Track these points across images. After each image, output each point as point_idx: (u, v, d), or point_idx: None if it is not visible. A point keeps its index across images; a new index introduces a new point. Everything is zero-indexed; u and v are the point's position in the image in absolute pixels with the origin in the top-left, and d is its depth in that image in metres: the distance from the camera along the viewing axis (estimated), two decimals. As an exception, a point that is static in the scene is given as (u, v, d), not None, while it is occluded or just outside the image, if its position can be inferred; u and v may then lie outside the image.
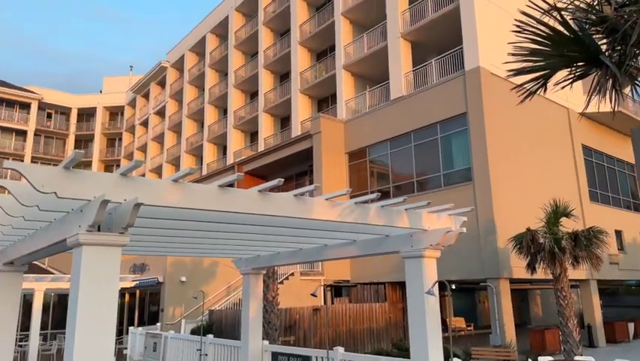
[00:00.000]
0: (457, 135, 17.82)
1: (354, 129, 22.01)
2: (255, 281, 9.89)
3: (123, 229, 4.13)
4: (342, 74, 23.43)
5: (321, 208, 5.58)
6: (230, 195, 4.93)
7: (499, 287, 15.74)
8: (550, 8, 3.95)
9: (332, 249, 7.89)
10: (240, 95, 32.06)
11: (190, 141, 36.42)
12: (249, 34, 31.17)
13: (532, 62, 3.92)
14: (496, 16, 18.24)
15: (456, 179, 17.69)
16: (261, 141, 28.78)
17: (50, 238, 5.00)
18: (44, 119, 47.32)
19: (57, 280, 15.71)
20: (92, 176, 4.07)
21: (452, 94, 17.88)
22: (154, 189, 4.31)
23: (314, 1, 27.26)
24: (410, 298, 6.29)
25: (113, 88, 50.13)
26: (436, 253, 6.19)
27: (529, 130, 18.49)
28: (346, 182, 21.85)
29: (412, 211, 5.93)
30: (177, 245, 8.00)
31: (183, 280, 19.50)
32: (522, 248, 14.22)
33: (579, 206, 19.41)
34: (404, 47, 20.74)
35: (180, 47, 39.23)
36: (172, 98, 39.80)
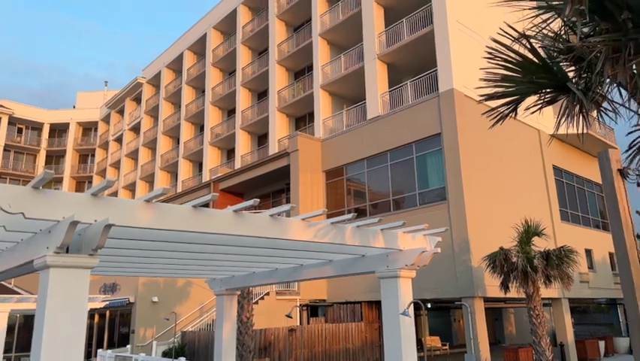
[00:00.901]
0: (432, 155, 18.11)
1: (331, 148, 22.14)
2: (229, 302, 9.71)
3: (93, 250, 4.02)
4: (320, 93, 23.65)
5: (296, 228, 5.55)
6: (204, 216, 4.87)
7: (474, 306, 15.87)
8: (519, 36, 4.09)
9: (308, 269, 7.84)
10: (217, 112, 31.95)
11: (165, 158, 35.97)
12: (227, 52, 31.25)
13: (504, 88, 4.03)
14: (470, 40, 18.78)
15: (431, 198, 17.91)
16: (238, 159, 28.64)
17: (16, 260, 4.82)
18: (15, 135, 46.09)
19: (23, 301, 15.11)
20: (61, 196, 3.96)
21: (427, 115, 18.23)
22: (126, 210, 4.22)
23: (292, 22, 27.58)
24: (385, 318, 6.28)
25: (87, 103, 49.30)
26: (411, 274, 6.22)
27: (501, 151, 18.94)
28: (323, 200, 21.88)
29: (387, 231, 5.96)
30: (149, 265, 7.82)
31: (155, 301, 19.02)
32: (495, 267, 14.42)
33: (550, 225, 19.85)
34: (380, 68, 21.11)
35: (157, 63, 39.00)
36: (147, 114, 39.37)
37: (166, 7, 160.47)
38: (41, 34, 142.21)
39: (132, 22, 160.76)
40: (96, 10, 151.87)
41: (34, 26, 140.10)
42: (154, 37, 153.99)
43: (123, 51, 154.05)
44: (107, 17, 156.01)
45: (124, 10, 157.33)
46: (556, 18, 3.84)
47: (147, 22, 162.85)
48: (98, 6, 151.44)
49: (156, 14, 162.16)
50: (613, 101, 3.80)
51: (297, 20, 27.28)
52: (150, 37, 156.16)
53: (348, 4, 23.20)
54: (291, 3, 26.70)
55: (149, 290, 19.04)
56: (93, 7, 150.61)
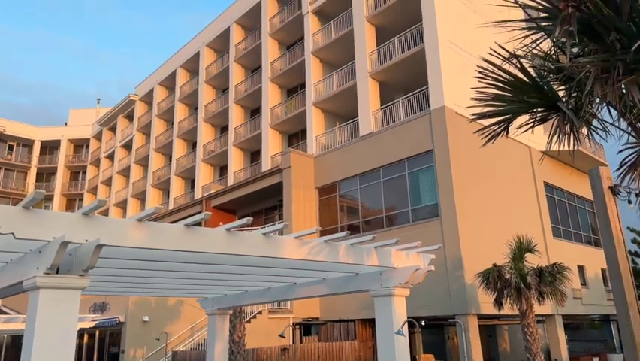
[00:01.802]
0: (424, 172, 18.19)
1: (324, 164, 22.17)
2: (221, 322, 9.60)
3: (83, 271, 3.97)
4: (313, 110, 23.77)
5: (290, 247, 5.53)
6: (197, 235, 4.84)
7: (468, 323, 15.78)
8: (510, 56, 4.16)
9: (301, 287, 7.78)
10: (209, 129, 31.96)
11: (157, 175, 35.80)
12: (219, 70, 31.41)
13: (495, 107, 4.08)
14: (460, 59, 19.05)
15: (424, 214, 17.93)
16: (231, 175, 28.57)
17: (6, 280, 4.75)
18: (5, 152, 45.72)
19: (11, 321, 14.86)
20: (52, 215, 3.92)
21: (419, 132, 18.36)
22: (117, 229, 4.19)
23: (285, 40, 27.84)
24: (380, 337, 6.22)
25: (79, 120, 49.13)
26: (405, 292, 6.19)
27: (493, 167, 19.08)
28: (316, 217, 21.82)
29: (381, 249, 5.95)
30: (141, 285, 7.73)
31: (146, 320, 18.72)
32: (489, 284, 14.39)
33: (542, 242, 19.91)
34: (372, 86, 21.30)
35: (150, 80, 39.08)
36: (140, 131, 39.29)
37: (160, 26, 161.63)
38: (34, 52, 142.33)
39: (125, 40, 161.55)
40: (88, 28, 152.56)
41: (27, 44, 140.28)
42: (147, 54, 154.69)
43: (116, 69, 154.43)
44: (100, 35, 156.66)
45: (116, 28, 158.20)
46: (546, 38, 3.92)
47: (140, 40, 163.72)
48: (90, 24, 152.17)
49: (149, 32, 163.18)
50: (603, 120, 3.86)
51: (289, 39, 27.55)
52: (143, 55, 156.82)
53: (340, 23, 23.50)
54: (283, 22, 26.99)
55: (140, 309, 18.75)
56: (85, 26, 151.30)
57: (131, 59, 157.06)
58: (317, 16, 24.97)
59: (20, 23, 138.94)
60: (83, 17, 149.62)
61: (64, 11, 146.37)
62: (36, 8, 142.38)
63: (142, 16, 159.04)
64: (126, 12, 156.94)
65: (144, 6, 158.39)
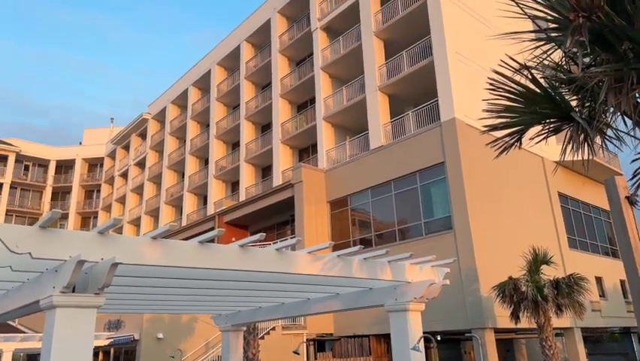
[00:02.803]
0: (436, 184, 18.09)
1: (335, 178, 22.18)
2: (235, 338, 9.56)
3: (99, 289, 3.99)
4: (323, 125, 23.88)
5: (303, 262, 5.51)
6: (210, 251, 4.85)
7: (485, 338, 15.51)
8: (520, 67, 4.15)
9: (315, 303, 7.73)
10: (221, 146, 32.23)
11: (170, 192, 36.08)
12: (230, 87, 31.77)
13: (507, 119, 4.07)
14: (470, 71, 19.05)
15: (437, 227, 17.79)
16: (242, 191, 28.68)
17: (22, 300, 4.79)
18: (21, 172, 46.51)
19: (27, 340, 14.94)
20: (68, 235, 3.97)
21: (430, 144, 18.32)
22: (132, 247, 4.22)
23: (294, 57, 28.13)
24: (396, 353, 6.14)
25: (93, 140, 49.91)
26: (420, 307, 6.12)
27: (506, 178, 18.92)
28: (328, 231, 21.76)
29: (395, 263, 5.90)
30: (155, 302, 7.74)
31: (160, 337, 18.71)
32: (505, 297, 14.16)
33: (558, 253, 19.60)
34: (382, 100, 21.36)
35: (162, 99, 39.65)
36: (153, 149, 39.76)
37: (171, 46, 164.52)
38: (48, 73, 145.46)
39: (137, 59, 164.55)
40: (101, 48, 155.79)
41: (41, 65, 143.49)
42: (159, 74, 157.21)
43: (129, 88, 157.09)
44: (113, 55, 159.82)
45: (129, 48, 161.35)
46: (557, 49, 3.91)
47: (152, 59, 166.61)
48: (103, 45, 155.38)
49: (161, 52, 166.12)
50: (618, 129, 3.82)
51: (298, 55, 27.83)
52: (155, 74, 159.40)
53: (348, 38, 23.70)
54: (293, 39, 27.30)
55: (154, 326, 18.76)
56: (98, 46, 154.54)
57: (144, 78, 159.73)
58: (325, 32, 25.22)
59: (34, 45, 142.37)
60: (96, 38, 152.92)
61: (79, 33, 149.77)
62: (49, 30, 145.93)
63: (153, 36, 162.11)
64: (138, 33, 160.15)
65: (155, 26, 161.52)
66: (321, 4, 25.58)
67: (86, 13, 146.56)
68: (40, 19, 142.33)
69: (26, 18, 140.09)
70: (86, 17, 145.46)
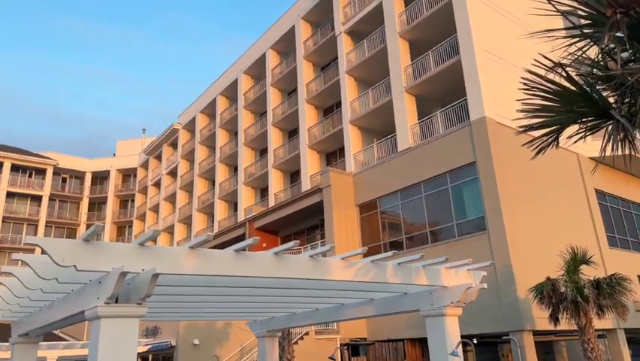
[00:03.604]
0: (468, 184, 17.80)
1: (363, 182, 22.11)
2: (271, 344, 9.63)
3: (141, 299, 4.10)
4: (349, 128, 23.86)
5: (336, 268, 5.52)
6: (246, 260, 4.92)
7: (523, 340, 15.13)
8: (554, 65, 4.05)
9: (349, 308, 7.72)
10: (249, 153, 32.61)
11: (201, 200, 36.72)
12: (257, 95, 32.16)
13: (543, 118, 3.98)
14: (499, 68, 18.70)
15: (470, 228, 17.48)
16: (272, 197, 28.92)
17: (67, 310, 4.97)
18: (59, 184, 48.22)
19: (70, 348, 15.42)
20: (110, 247, 4.10)
21: (460, 144, 18.05)
22: (171, 258, 4.32)
23: (319, 62, 28.25)
24: (434, 359, 6.06)
25: (126, 151, 51.36)
26: (457, 311, 6.03)
27: (540, 176, 18.44)
28: (358, 234, 21.68)
29: (429, 268, 5.84)
30: (192, 310, 7.89)
31: (196, 343, 19.02)
32: (543, 298, 13.78)
33: (598, 252, 18.96)
34: (408, 101, 21.19)
35: (192, 109, 40.48)
36: (184, 158, 40.59)
37: (199, 56, 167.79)
38: (81, 86, 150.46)
39: (167, 70, 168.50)
40: (131, 61, 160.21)
41: (75, 79, 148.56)
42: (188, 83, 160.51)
43: (159, 99, 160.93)
44: (143, 67, 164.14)
45: (158, 59, 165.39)
46: (592, 45, 3.80)
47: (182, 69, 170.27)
48: (133, 57, 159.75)
49: (190, 62, 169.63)
50: (661, 126, 3.68)
51: (323, 60, 27.93)
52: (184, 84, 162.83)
53: (373, 41, 23.64)
54: (317, 44, 27.43)
55: (190, 333, 19.08)
56: (128, 59, 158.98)
57: (173, 88, 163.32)
58: (350, 35, 25.24)
59: (67, 60, 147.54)
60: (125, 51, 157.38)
61: (109, 46, 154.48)
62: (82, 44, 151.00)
63: (182, 47, 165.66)
64: (167, 44, 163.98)
65: (184, 37, 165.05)
66: (344, 8, 25.62)
67: (117, 27, 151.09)
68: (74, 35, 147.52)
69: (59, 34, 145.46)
70: (117, 31, 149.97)
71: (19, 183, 45.59)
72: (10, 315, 7.21)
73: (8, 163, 44.96)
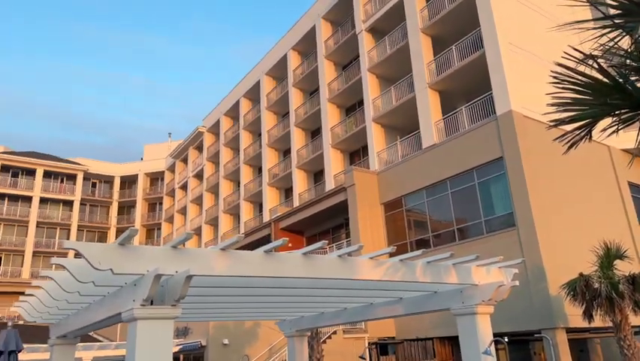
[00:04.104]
0: (496, 180, 17.51)
1: (388, 180, 21.99)
2: (300, 344, 9.68)
3: (175, 301, 4.19)
4: (372, 126, 23.76)
5: (365, 268, 5.52)
6: (275, 260, 4.97)
7: (556, 338, 14.81)
8: (585, 57, 3.96)
9: (377, 308, 7.70)
10: (273, 154, 32.83)
11: (227, 201, 37.16)
12: (279, 96, 32.35)
13: (574, 112, 3.89)
14: (524, 61, 18.34)
15: (498, 225, 17.20)
16: (296, 197, 29.05)
17: (104, 312, 5.11)
18: (89, 189, 49.56)
19: (104, 348, 15.82)
20: (144, 250, 4.20)
21: (486, 139, 17.77)
22: (203, 259, 4.40)
23: (340, 60, 28.22)
24: (465, 357, 5.99)
25: (153, 155, 52.41)
26: (489, 309, 5.95)
27: (569, 170, 18.01)
28: (383, 233, 21.58)
29: (460, 266, 5.78)
30: (222, 310, 8.00)
31: (226, 343, 19.25)
32: (576, 295, 13.46)
33: (632, 246, 18.39)
34: (432, 97, 20.97)
35: (216, 112, 41.01)
36: (209, 160, 41.16)
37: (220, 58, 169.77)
38: (109, 93, 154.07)
39: (190, 74, 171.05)
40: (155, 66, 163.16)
41: (102, 86, 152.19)
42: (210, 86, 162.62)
43: (183, 103, 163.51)
44: (167, 72, 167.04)
45: (181, 64, 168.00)
46: (624, 36, 3.70)
47: (204, 73, 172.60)
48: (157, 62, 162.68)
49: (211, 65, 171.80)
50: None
51: (344, 59, 27.89)
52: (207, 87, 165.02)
53: (394, 37, 23.49)
54: (338, 43, 27.41)
55: (220, 333, 19.33)
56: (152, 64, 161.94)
57: (196, 92, 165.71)
58: (371, 33, 25.14)
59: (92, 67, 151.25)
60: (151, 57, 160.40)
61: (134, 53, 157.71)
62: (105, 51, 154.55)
63: (204, 51, 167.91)
64: (190, 48, 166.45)
65: (206, 41, 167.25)
66: (365, 6, 25.53)
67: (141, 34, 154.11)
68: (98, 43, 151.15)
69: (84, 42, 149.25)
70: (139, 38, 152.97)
71: (51, 189, 47.03)
72: (49, 317, 7.46)
73: (41, 170, 46.41)
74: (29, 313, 7.12)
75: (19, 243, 44.52)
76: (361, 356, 8.59)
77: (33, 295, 6.15)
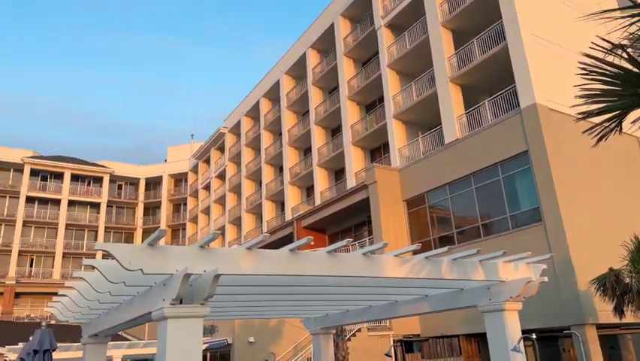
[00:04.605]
0: (521, 175, 17.21)
1: (409, 176, 21.84)
2: (325, 341, 9.71)
3: (204, 299, 4.26)
4: (393, 123, 23.62)
5: (390, 266, 5.50)
6: (300, 259, 4.99)
7: (586, 335, 14.50)
8: (613, 47, 3.86)
9: (403, 305, 7.67)
10: (294, 153, 32.95)
11: (250, 201, 37.48)
12: (299, 95, 32.43)
13: (603, 103, 3.80)
14: (548, 52, 17.96)
15: (524, 220, 16.91)
16: (317, 195, 29.10)
17: (135, 312, 5.22)
18: (115, 191, 50.64)
19: (133, 347, 16.17)
20: (173, 250, 4.28)
21: (510, 133, 17.48)
22: (230, 258, 4.46)
23: (359, 57, 28.12)
24: (494, 355, 5.92)
25: (176, 156, 53.24)
26: (517, 306, 5.86)
27: (598, 163, 17.57)
28: (406, 230, 21.45)
29: (486, 262, 5.71)
30: (248, 308, 8.08)
31: (251, 341, 19.45)
32: (606, 290, 13.14)
33: (665, 240, 17.81)
34: (454, 91, 20.72)
35: (236, 113, 41.38)
36: (231, 161, 41.57)
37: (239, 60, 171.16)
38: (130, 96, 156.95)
39: (211, 76, 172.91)
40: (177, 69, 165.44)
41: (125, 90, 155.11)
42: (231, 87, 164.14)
43: (204, 104, 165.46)
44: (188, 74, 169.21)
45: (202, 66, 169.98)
46: (655, 24, 3.60)
47: (224, 74, 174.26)
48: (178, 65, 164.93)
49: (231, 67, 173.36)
50: None
51: (364, 55, 27.78)
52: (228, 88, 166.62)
53: (414, 32, 23.28)
54: (357, 40, 27.32)
55: (245, 331, 19.54)
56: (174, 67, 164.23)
57: (217, 93, 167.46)
58: (390, 29, 24.97)
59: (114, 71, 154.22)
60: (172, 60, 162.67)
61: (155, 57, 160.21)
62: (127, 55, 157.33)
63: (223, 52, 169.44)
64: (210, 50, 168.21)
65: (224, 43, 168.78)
66: (383, 2, 25.37)
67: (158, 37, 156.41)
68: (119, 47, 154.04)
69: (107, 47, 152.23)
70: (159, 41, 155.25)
71: (78, 192, 48.20)
72: (81, 317, 7.66)
73: (68, 173, 47.61)
74: (62, 313, 7.33)
75: (49, 245, 45.80)
76: (387, 353, 8.57)
77: (66, 295, 6.33)
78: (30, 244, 44.89)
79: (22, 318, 40.57)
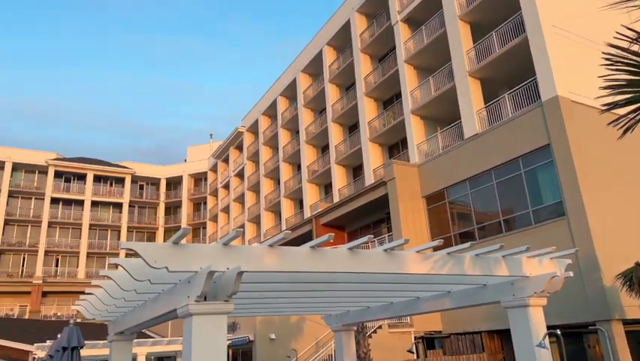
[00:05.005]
0: (543, 168, 16.93)
1: (429, 172, 21.67)
2: (347, 338, 9.73)
3: (228, 296, 4.31)
4: (411, 118, 23.45)
5: (412, 262, 5.49)
6: (322, 255, 5.01)
7: (612, 331, 14.21)
8: (638, 36, 3.78)
9: (424, 302, 7.64)
10: (311, 150, 33.00)
11: (268, 199, 37.70)
12: (316, 92, 32.44)
13: (630, 94, 3.72)
14: (569, 43, 17.61)
15: (547, 215, 16.64)
16: (336, 193, 29.10)
17: (160, 309, 5.32)
18: (137, 191, 51.48)
19: (157, 344, 16.46)
20: (196, 248, 4.35)
21: (531, 126, 17.20)
22: (253, 256, 4.50)
23: (376, 53, 27.98)
24: (518, 351, 5.86)
25: (196, 156, 53.87)
26: (542, 301, 5.78)
27: (623, 156, 17.17)
28: (426, 226, 21.30)
29: (510, 258, 5.64)
30: (270, 305, 8.15)
31: (273, 338, 19.59)
32: (632, 285, 12.89)
33: (695, 233, 17.35)
34: (473, 85, 20.46)
35: (254, 112, 41.63)
36: (249, 159, 41.86)
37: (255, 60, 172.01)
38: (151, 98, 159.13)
39: (228, 76, 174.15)
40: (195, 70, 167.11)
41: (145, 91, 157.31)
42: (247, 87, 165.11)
43: (222, 104, 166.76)
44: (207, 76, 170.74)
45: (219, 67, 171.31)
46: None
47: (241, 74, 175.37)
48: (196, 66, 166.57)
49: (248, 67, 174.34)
50: None
51: (380, 51, 27.64)
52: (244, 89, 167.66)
53: (431, 27, 23.06)
54: (373, 35, 27.19)
55: (267, 328, 19.69)
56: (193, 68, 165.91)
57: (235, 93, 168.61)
58: (407, 23, 24.78)
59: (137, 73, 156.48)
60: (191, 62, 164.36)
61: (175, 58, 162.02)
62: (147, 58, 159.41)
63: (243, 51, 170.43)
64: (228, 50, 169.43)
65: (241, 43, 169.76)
66: (399, -3, 25.19)
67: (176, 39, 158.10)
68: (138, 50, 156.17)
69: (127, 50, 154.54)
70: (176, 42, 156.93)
71: (101, 193, 49.15)
72: (108, 315, 7.83)
73: (91, 175, 48.58)
74: (89, 311, 7.50)
75: (74, 245, 46.84)
76: (409, 350, 8.53)
77: (92, 293, 6.47)
78: (55, 245, 45.98)
79: (50, 316, 41.65)
